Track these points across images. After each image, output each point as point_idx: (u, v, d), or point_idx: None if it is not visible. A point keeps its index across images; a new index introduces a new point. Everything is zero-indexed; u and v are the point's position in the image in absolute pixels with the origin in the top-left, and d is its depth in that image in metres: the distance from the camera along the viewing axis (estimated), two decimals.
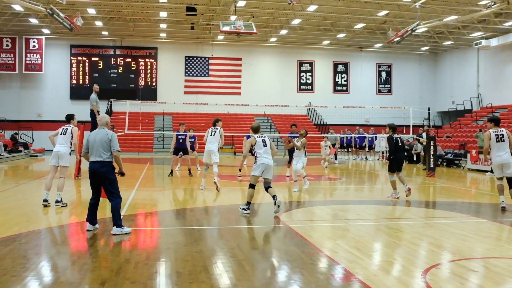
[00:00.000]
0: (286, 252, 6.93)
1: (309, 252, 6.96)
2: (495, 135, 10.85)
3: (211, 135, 14.41)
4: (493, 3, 25.91)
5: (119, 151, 8.16)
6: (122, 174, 8.31)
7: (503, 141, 10.77)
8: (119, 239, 7.66)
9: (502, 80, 34.69)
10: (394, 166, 12.40)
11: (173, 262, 6.32)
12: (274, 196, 9.67)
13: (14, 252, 6.74)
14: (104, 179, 8.00)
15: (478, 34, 33.81)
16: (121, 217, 8.05)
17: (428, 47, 40.51)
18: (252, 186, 9.95)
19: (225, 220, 9.78)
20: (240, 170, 17.92)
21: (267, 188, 9.90)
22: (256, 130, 10.36)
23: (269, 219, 9.70)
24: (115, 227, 7.91)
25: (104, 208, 9.74)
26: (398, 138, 12.28)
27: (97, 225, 8.30)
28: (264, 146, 9.98)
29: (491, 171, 20.34)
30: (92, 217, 8.21)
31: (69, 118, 11.70)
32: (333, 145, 25.94)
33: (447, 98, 40.57)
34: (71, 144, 11.28)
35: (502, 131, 10.89)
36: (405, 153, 11.99)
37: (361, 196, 13.81)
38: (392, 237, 8.00)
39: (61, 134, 11.32)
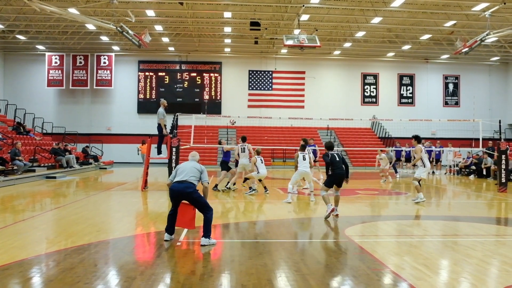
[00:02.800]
0: (351, 267, 6.85)
1: (374, 268, 6.84)
2: None
3: (242, 151, 17.29)
4: None
5: (208, 183, 8.60)
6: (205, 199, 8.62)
7: None
8: (200, 249, 7.86)
9: None
10: (331, 183, 11.42)
11: (238, 275, 6.38)
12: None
13: (86, 261, 7.01)
14: (190, 199, 8.34)
15: None
16: (210, 229, 8.28)
17: (498, 57, 39.09)
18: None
19: (289, 234, 9.77)
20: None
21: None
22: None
23: (333, 234, 9.61)
24: (203, 237, 8.18)
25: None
26: (336, 155, 11.43)
27: (173, 236, 8.53)
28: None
29: None
30: (170, 227, 8.47)
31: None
32: (390, 162, 24.94)
33: None
34: None
35: None
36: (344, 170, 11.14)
37: (428, 211, 13.43)
38: (462, 254, 7.72)
39: None
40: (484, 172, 25.81)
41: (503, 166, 18.75)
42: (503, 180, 18.65)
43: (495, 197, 16.81)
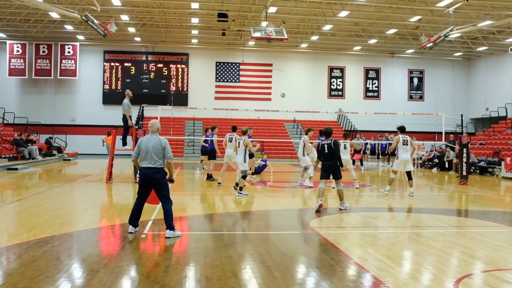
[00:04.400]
0: (315, 259, 6.91)
1: (338, 259, 6.91)
2: None
3: (229, 141, 16.55)
4: None
5: (172, 158, 8.35)
6: (171, 181, 8.57)
7: None
8: (165, 241, 7.79)
9: None
10: (323, 173, 11.35)
11: (203, 267, 6.36)
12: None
13: (48, 254, 6.88)
14: (157, 184, 8.20)
15: None
16: (172, 220, 8.20)
17: (461, 53, 39.89)
18: None
19: (255, 226, 9.80)
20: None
21: None
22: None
23: (299, 225, 9.69)
24: (168, 230, 8.09)
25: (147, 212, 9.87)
26: (325, 145, 11.25)
27: (137, 228, 8.44)
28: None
29: None
30: (135, 220, 8.36)
31: None
32: (359, 150, 25.55)
33: (480, 105, 39.87)
34: None
35: None
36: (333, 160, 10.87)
37: (391, 203, 13.66)
38: (423, 246, 7.88)
39: None
40: (447, 165, 26.39)
41: (464, 160, 19.18)
42: (464, 173, 19.09)
43: (457, 190, 17.20)
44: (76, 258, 6.85)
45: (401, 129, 15.16)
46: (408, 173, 14.75)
